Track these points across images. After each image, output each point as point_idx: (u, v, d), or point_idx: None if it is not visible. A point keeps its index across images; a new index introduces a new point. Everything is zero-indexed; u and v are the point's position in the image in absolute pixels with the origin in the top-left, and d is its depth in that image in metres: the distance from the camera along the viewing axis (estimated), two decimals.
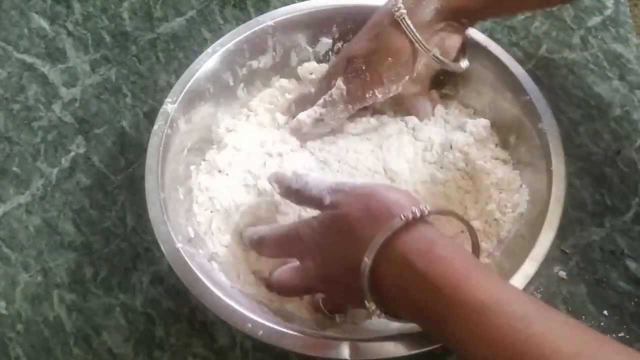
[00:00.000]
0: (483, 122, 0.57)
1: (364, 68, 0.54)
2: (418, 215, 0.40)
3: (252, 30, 0.59)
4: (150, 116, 0.63)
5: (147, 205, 0.51)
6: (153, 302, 0.54)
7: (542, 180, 0.51)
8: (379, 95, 0.55)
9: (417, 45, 0.52)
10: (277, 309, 0.50)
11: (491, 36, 0.65)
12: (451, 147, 0.56)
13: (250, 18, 0.63)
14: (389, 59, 0.53)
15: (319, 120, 0.57)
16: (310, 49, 0.61)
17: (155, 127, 0.54)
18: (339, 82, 0.55)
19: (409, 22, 0.52)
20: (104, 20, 0.71)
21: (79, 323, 0.54)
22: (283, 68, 0.62)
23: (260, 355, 0.52)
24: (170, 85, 0.57)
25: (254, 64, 0.60)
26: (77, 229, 0.58)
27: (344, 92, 0.55)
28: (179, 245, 0.49)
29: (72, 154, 0.62)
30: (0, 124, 0.65)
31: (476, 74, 0.58)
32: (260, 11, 0.68)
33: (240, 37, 0.59)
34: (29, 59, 0.69)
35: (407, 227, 0.40)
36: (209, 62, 0.57)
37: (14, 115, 0.65)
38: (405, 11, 0.52)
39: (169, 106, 0.55)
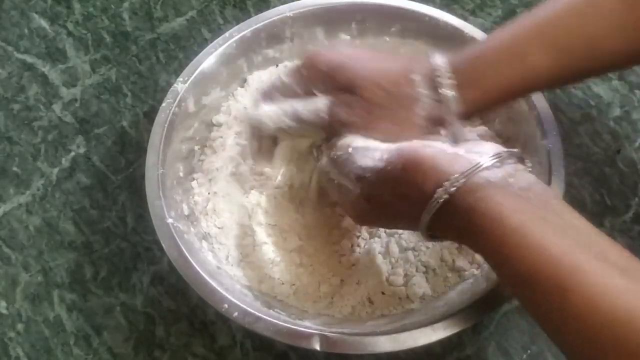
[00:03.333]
0: (480, 129, 0.56)
1: (360, 110, 0.46)
2: (451, 191, 0.38)
3: (270, 19, 0.59)
4: (150, 116, 0.63)
5: (145, 180, 0.51)
6: (153, 302, 0.54)
7: None
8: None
9: None
10: (259, 294, 0.50)
11: None
12: None
13: (250, 18, 0.63)
14: (397, 115, 0.46)
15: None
16: (328, 43, 0.62)
17: (164, 104, 0.54)
18: (320, 104, 0.47)
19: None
20: (104, 20, 0.71)
21: (79, 323, 0.54)
22: (299, 59, 0.62)
23: (260, 355, 0.52)
24: (170, 85, 0.57)
25: (270, 52, 0.60)
26: (77, 229, 0.58)
27: (321, 118, 0.47)
28: (169, 220, 0.49)
29: (72, 154, 0.62)
30: (1, 124, 0.65)
31: None
32: (261, 11, 0.68)
33: (258, 25, 0.59)
34: (29, 59, 0.69)
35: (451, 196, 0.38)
36: (224, 46, 0.58)
37: (14, 115, 0.65)
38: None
39: (180, 85, 0.55)
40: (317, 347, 0.44)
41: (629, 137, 0.61)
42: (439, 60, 0.45)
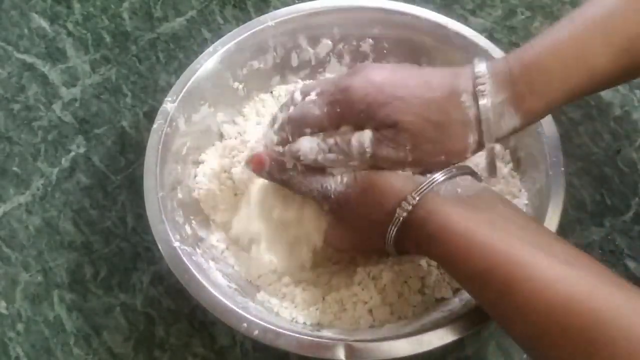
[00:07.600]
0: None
1: (407, 146, 0.43)
2: (411, 205, 0.42)
3: (252, 31, 0.59)
4: (150, 116, 0.63)
5: (145, 203, 0.51)
6: (153, 302, 0.54)
7: (541, 185, 0.51)
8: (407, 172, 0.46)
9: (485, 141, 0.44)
10: (273, 309, 0.50)
11: (491, 36, 0.65)
12: None
13: (250, 18, 0.63)
14: (448, 146, 0.44)
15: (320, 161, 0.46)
16: (311, 50, 0.61)
17: (155, 125, 0.54)
18: (365, 139, 0.44)
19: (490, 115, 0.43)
20: (104, 20, 0.71)
21: (79, 323, 0.54)
22: (284, 68, 0.62)
23: (260, 356, 0.52)
24: (170, 85, 0.57)
25: (255, 64, 0.60)
26: (77, 229, 0.58)
27: (367, 154, 0.44)
28: (176, 243, 0.49)
29: (72, 154, 0.62)
30: (1, 124, 0.65)
31: None
32: (261, 11, 0.69)
33: (241, 37, 0.58)
34: (29, 59, 0.69)
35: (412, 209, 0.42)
36: (209, 61, 0.57)
37: (14, 115, 0.65)
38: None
39: (169, 105, 0.55)
40: (342, 357, 0.43)
41: (629, 137, 0.61)
42: (482, 68, 0.43)
